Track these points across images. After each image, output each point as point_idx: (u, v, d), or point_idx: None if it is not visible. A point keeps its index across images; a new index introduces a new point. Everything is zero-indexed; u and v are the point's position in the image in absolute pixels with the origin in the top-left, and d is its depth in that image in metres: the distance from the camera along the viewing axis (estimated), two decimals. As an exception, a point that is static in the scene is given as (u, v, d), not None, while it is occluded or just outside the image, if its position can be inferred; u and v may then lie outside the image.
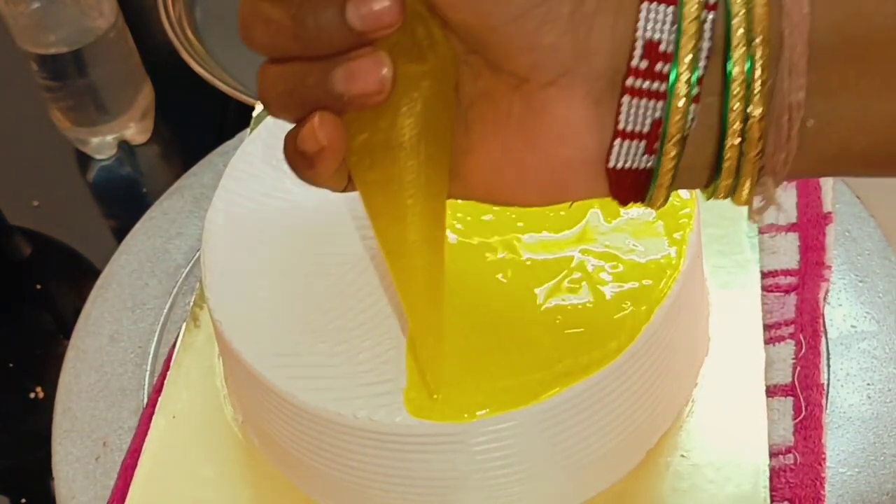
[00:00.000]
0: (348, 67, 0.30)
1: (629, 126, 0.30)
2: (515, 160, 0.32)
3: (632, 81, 0.29)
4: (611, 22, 0.29)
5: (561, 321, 0.45)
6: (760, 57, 0.28)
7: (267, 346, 0.47)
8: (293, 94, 0.31)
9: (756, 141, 0.29)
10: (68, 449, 0.55)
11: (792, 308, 0.53)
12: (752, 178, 0.30)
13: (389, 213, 0.36)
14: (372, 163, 0.34)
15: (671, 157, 0.30)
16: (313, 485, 0.50)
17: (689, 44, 0.28)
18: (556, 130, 0.31)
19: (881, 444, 0.49)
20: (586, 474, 0.47)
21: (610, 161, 0.31)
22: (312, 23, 0.30)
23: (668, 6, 0.29)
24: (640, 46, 0.29)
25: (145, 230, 0.64)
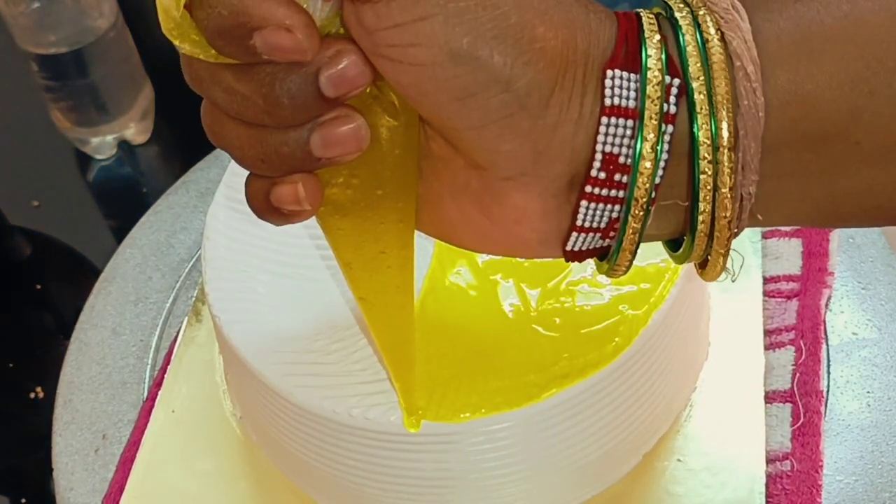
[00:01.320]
0: (325, 134, 0.30)
1: (586, 223, 0.30)
2: (471, 224, 0.32)
3: (590, 189, 0.30)
4: (571, 133, 0.29)
5: (558, 323, 0.45)
6: (729, 163, 0.29)
7: (265, 343, 0.47)
8: (268, 161, 0.30)
9: (726, 235, 0.30)
10: (68, 441, 0.55)
11: (793, 314, 0.53)
12: (722, 259, 0.31)
13: (361, 265, 0.35)
14: (343, 213, 0.34)
15: (629, 251, 0.31)
16: (309, 482, 0.50)
17: (649, 157, 0.29)
18: (514, 215, 0.31)
19: (879, 452, 0.49)
20: (582, 476, 0.47)
21: (567, 246, 0.31)
22: (286, 98, 0.29)
23: (628, 120, 0.29)
24: (599, 159, 0.29)
25: (150, 224, 0.64)
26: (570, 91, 0.29)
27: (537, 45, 0.28)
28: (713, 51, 0.29)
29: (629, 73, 0.29)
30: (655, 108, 0.29)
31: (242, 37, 0.28)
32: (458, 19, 0.28)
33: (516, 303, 0.46)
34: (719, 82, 0.29)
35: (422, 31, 0.28)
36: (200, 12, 0.29)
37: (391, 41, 0.28)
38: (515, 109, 0.29)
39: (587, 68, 0.29)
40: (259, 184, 0.32)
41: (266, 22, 0.28)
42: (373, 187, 0.33)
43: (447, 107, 0.29)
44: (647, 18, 0.30)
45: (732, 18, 0.29)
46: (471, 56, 0.28)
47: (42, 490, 0.62)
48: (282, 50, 0.28)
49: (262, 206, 0.32)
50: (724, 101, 0.29)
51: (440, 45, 0.28)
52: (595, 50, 0.29)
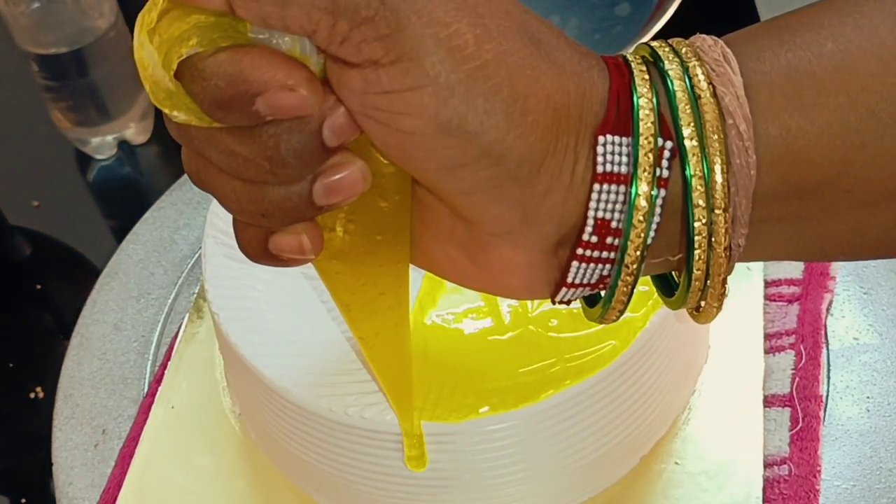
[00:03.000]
0: (328, 183, 0.29)
1: (577, 280, 0.30)
2: (455, 265, 0.32)
3: (581, 251, 0.29)
4: (561, 199, 0.29)
5: (555, 325, 0.45)
6: (724, 223, 0.29)
7: (263, 341, 0.47)
8: (269, 215, 0.29)
9: (719, 290, 0.30)
10: (68, 435, 0.55)
11: (794, 318, 0.53)
12: (716, 309, 0.31)
13: (360, 306, 0.35)
14: (341, 258, 0.33)
15: (619, 307, 0.31)
16: (307, 480, 0.50)
17: (641, 226, 0.28)
18: (500, 265, 0.30)
19: (878, 457, 0.49)
20: (578, 478, 0.47)
21: (555, 298, 0.31)
22: (292, 158, 0.28)
23: (620, 185, 0.28)
24: (591, 224, 0.29)
25: (153, 220, 0.64)
26: (561, 159, 0.28)
27: (530, 119, 0.28)
28: (706, 108, 0.28)
29: (621, 138, 0.28)
30: (648, 176, 0.28)
31: (244, 104, 0.27)
32: (449, 92, 0.27)
33: (514, 304, 0.47)
34: (713, 142, 0.28)
35: (411, 101, 0.27)
36: (195, 85, 0.28)
37: (378, 105, 0.28)
38: (505, 180, 0.28)
39: (579, 135, 0.28)
40: (254, 232, 0.31)
41: (267, 85, 0.27)
42: (372, 232, 0.32)
43: (434, 173, 0.29)
44: (639, 70, 0.29)
45: (724, 72, 0.29)
46: (461, 130, 0.27)
47: (42, 490, 0.62)
48: (288, 109, 0.27)
49: (258, 254, 0.31)
50: (719, 162, 0.28)
51: (430, 117, 0.27)
52: (588, 115, 0.29)
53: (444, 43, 0.27)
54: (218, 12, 0.27)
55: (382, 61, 0.27)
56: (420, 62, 0.27)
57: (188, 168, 0.30)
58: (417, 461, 0.44)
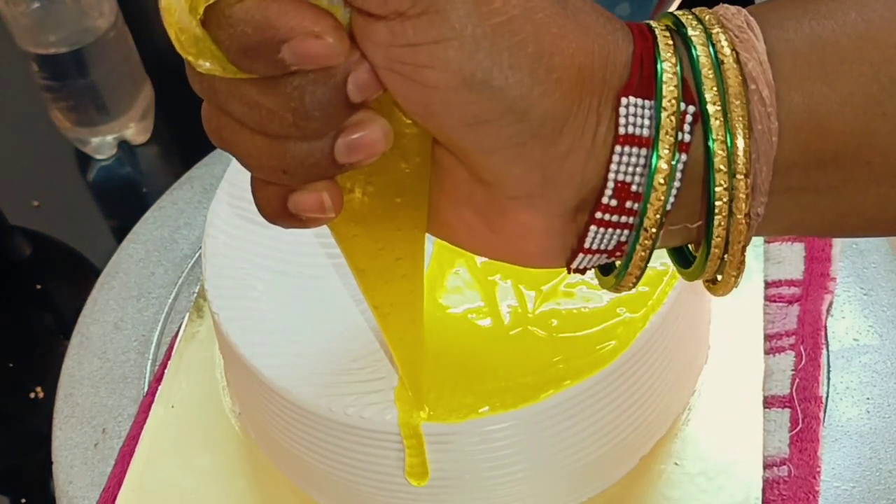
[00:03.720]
0: (350, 141, 0.29)
1: (594, 246, 0.30)
2: (472, 231, 0.32)
3: (600, 215, 0.29)
4: (582, 160, 0.29)
5: (555, 325, 0.45)
6: (745, 189, 0.29)
7: (263, 341, 0.47)
8: (290, 171, 0.29)
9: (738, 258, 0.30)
10: (68, 434, 0.55)
11: (794, 319, 0.53)
12: (734, 278, 0.31)
13: (376, 273, 0.35)
14: (358, 221, 0.33)
15: (636, 273, 0.30)
16: (306, 479, 0.50)
17: (662, 189, 0.28)
18: (518, 230, 0.30)
19: (878, 459, 0.49)
20: (578, 478, 0.47)
21: (572, 264, 0.31)
22: (316, 110, 0.28)
23: (642, 148, 0.28)
24: (611, 187, 0.29)
25: (154, 220, 0.64)
26: (584, 120, 0.28)
27: (554, 76, 0.28)
28: (728, 73, 0.28)
29: (644, 100, 0.28)
30: (670, 140, 0.28)
31: (270, 51, 0.27)
32: (474, 46, 0.27)
33: (514, 304, 0.46)
34: (735, 108, 0.28)
35: (436, 54, 0.27)
36: (221, 32, 0.27)
37: (403, 59, 0.28)
38: (528, 138, 0.28)
39: (602, 96, 0.28)
40: (273, 190, 0.30)
41: (294, 32, 0.27)
42: (391, 195, 0.32)
43: (456, 129, 0.28)
44: (662, 36, 0.29)
45: (748, 38, 0.29)
46: (486, 84, 0.27)
47: (42, 490, 0.62)
48: (314, 57, 0.27)
49: (276, 213, 0.31)
50: (741, 128, 0.28)
51: (454, 71, 0.27)
52: (611, 76, 0.28)
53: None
54: None
55: (409, 13, 0.27)
56: (446, 14, 0.27)
57: (208, 125, 0.30)
58: (418, 470, 0.44)
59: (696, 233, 0.30)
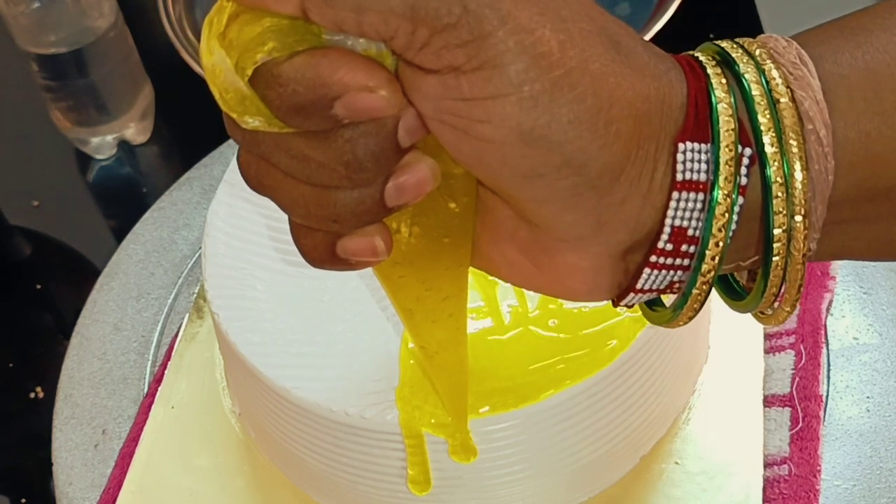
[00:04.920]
0: (399, 184, 0.28)
1: (646, 286, 0.30)
2: (513, 266, 0.31)
3: (655, 259, 0.29)
4: (638, 206, 0.28)
5: (555, 325, 0.45)
6: (803, 230, 0.28)
7: (263, 341, 0.47)
8: (341, 220, 0.28)
9: (794, 297, 0.29)
10: (68, 435, 0.55)
11: (794, 318, 0.53)
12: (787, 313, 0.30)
13: (423, 313, 0.34)
14: (406, 262, 0.32)
15: (689, 315, 0.30)
16: (306, 479, 0.50)
17: (720, 235, 0.28)
18: (564, 270, 0.30)
19: (878, 457, 0.49)
20: (578, 478, 0.47)
21: (622, 301, 0.31)
22: (369, 161, 0.27)
23: (699, 193, 0.28)
24: (667, 232, 0.28)
25: (153, 220, 0.64)
26: (640, 167, 0.28)
27: (613, 128, 0.27)
28: (784, 113, 0.28)
29: (700, 144, 0.28)
30: (729, 185, 0.28)
31: (322, 108, 0.26)
32: (533, 102, 0.26)
33: (514, 304, 0.47)
34: (792, 148, 0.28)
35: (493, 109, 0.26)
36: (270, 91, 0.27)
37: (456, 112, 0.27)
38: (584, 190, 0.27)
39: (659, 143, 0.28)
40: (321, 237, 0.29)
41: (347, 88, 0.26)
42: (439, 235, 0.31)
43: (509, 180, 0.28)
44: (714, 74, 0.28)
45: (802, 75, 0.28)
46: (544, 139, 0.27)
47: (42, 490, 0.62)
48: (368, 111, 0.27)
49: (323, 259, 0.30)
50: (799, 168, 0.28)
51: (511, 127, 0.26)
52: (667, 121, 0.28)
53: (529, 50, 0.26)
54: (291, 16, 0.27)
55: (464, 68, 0.26)
56: (503, 69, 0.26)
57: (246, 172, 0.29)
58: (420, 479, 0.45)
59: (748, 267, 0.30)
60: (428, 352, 0.37)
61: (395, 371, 0.45)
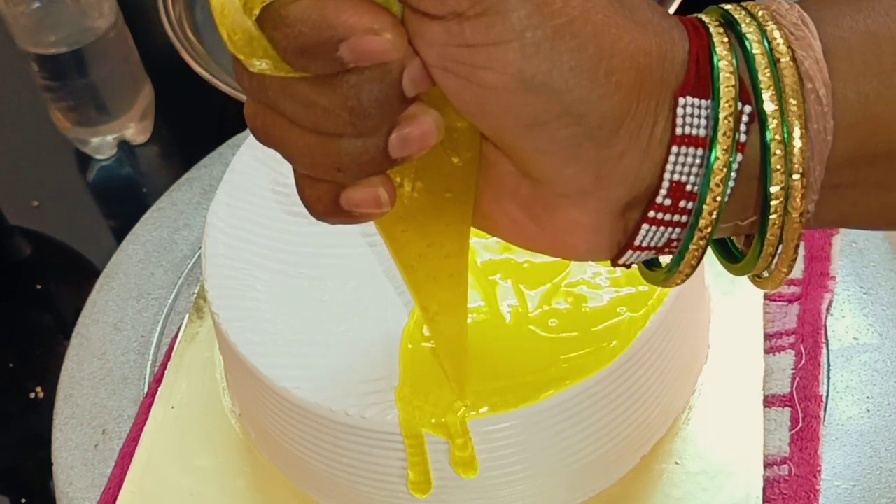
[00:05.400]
0: (403, 135, 0.28)
1: (644, 243, 0.30)
2: (514, 224, 0.31)
3: (654, 214, 0.29)
4: (637, 160, 0.28)
5: (555, 325, 0.45)
6: (801, 188, 0.28)
7: (263, 341, 0.47)
8: (345, 169, 0.29)
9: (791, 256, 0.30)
10: (68, 436, 0.55)
11: (794, 318, 0.53)
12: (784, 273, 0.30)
13: (425, 270, 0.35)
14: (408, 217, 0.32)
15: (686, 272, 0.30)
16: (306, 479, 0.50)
17: (718, 190, 0.28)
18: (565, 226, 0.30)
19: (878, 457, 0.49)
20: (578, 478, 0.47)
21: (619, 260, 0.31)
22: (374, 108, 0.28)
23: (698, 149, 0.28)
24: (666, 187, 0.28)
25: (153, 220, 0.64)
26: (641, 120, 0.28)
27: (614, 78, 0.27)
28: (785, 72, 0.28)
29: (701, 100, 0.28)
30: (728, 141, 0.28)
31: (328, 50, 0.27)
32: (535, 48, 0.27)
33: (514, 304, 0.46)
34: (792, 107, 0.28)
35: (495, 55, 0.27)
36: (277, 32, 0.27)
37: (459, 59, 0.27)
38: (584, 140, 0.28)
39: (659, 97, 0.28)
40: (325, 188, 0.30)
41: (352, 30, 0.27)
42: (442, 189, 0.32)
43: (511, 129, 0.28)
44: (717, 33, 0.29)
45: (803, 35, 0.28)
46: (545, 87, 0.27)
47: (42, 490, 0.62)
48: (373, 54, 0.27)
49: (327, 210, 0.30)
50: (798, 127, 0.28)
51: (513, 73, 0.27)
52: (668, 76, 0.28)
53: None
54: None
55: (467, 14, 0.26)
56: (506, 16, 0.26)
57: (252, 122, 0.30)
58: (421, 480, 0.45)
59: (746, 229, 0.30)
60: (429, 313, 0.37)
61: (396, 371, 0.45)
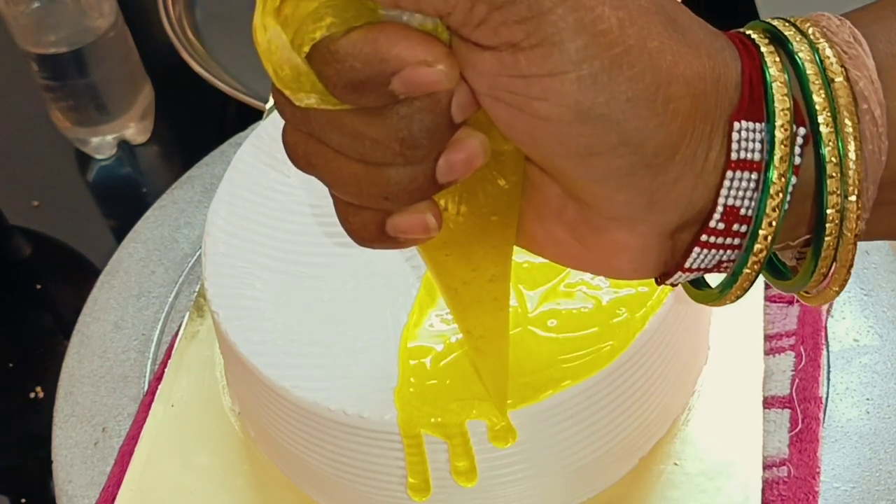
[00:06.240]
0: (451, 159, 0.28)
1: (695, 265, 0.30)
2: (558, 244, 0.31)
3: (706, 238, 0.29)
4: (691, 186, 0.28)
5: (554, 325, 0.45)
6: (856, 210, 0.28)
7: (262, 340, 0.47)
8: (393, 198, 0.28)
9: (844, 276, 0.29)
10: (68, 433, 0.55)
11: (794, 319, 0.53)
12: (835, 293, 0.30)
13: (469, 294, 0.34)
14: (453, 241, 0.32)
15: (738, 293, 0.30)
16: (305, 478, 0.50)
17: (774, 215, 0.28)
18: (611, 248, 0.30)
19: (877, 459, 0.49)
20: (577, 479, 0.47)
21: (667, 280, 0.30)
22: (424, 138, 0.27)
23: (753, 173, 0.28)
24: (719, 211, 0.28)
25: (154, 218, 0.64)
26: (696, 147, 0.28)
27: (671, 106, 0.27)
28: (839, 93, 0.28)
29: (755, 123, 0.28)
30: (784, 165, 0.28)
31: (379, 84, 0.26)
32: (591, 80, 0.26)
33: (513, 304, 0.46)
34: (846, 128, 0.28)
35: (551, 87, 0.26)
36: (327, 68, 0.26)
37: (511, 89, 0.27)
38: (639, 168, 0.27)
39: (714, 122, 0.28)
40: (370, 216, 0.29)
41: (405, 63, 0.26)
42: (487, 213, 0.31)
43: (564, 159, 0.28)
44: (768, 52, 0.28)
45: (857, 54, 0.28)
46: (602, 118, 0.26)
47: (42, 490, 0.62)
48: (426, 86, 0.27)
49: (373, 237, 0.30)
50: (853, 149, 0.28)
51: (569, 105, 0.26)
52: (722, 100, 0.28)
53: (589, 28, 0.26)
54: None
55: (522, 45, 0.26)
56: (563, 46, 0.26)
57: (293, 151, 0.29)
58: (419, 483, 0.45)
59: (797, 247, 0.30)
60: (473, 336, 0.37)
61: (395, 371, 0.45)
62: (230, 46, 0.81)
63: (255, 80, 0.77)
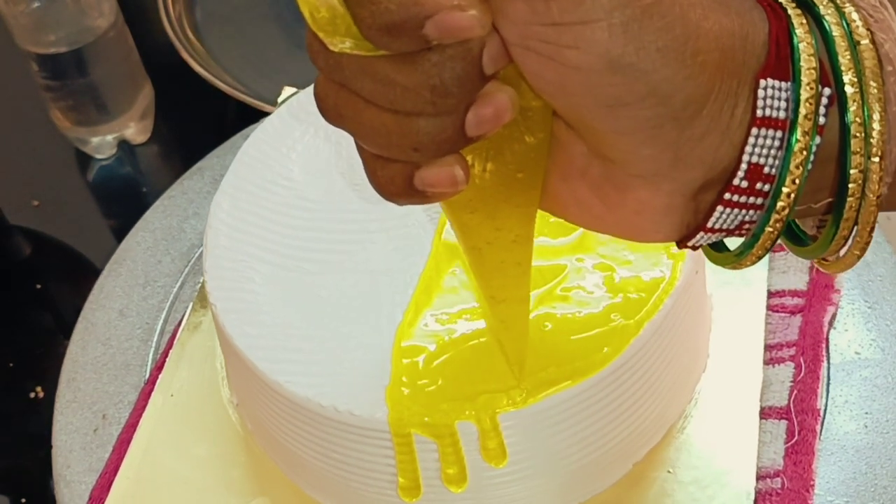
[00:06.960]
0: (480, 112, 0.28)
1: (717, 225, 0.30)
2: (581, 204, 0.31)
3: (729, 196, 0.29)
4: (716, 142, 0.28)
5: (548, 329, 0.45)
6: (879, 171, 0.28)
7: (259, 334, 0.47)
8: (422, 148, 0.28)
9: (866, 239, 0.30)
10: (68, 419, 0.56)
11: (795, 330, 0.52)
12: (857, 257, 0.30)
13: (492, 253, 0.34)
14: (479, 199, 0.32)
15: (758, 255, 0.30)
16: (298, 472, 0.50)
17: (797, 173, 0.28)
18: (635, 206, 0.30)
19: (873, 474, 0.48)
20: (570, 482, 0.47)
21: (689, 241, 0.31)
22: (455, 86, 0.27)
23: (777, 131, 0.28)
24: (743, 169, 0.28)
25: (163, 208, 0.64)
26: (722, 102, 0.28)
27: (699, 59, 0.27)
28: (865, 55, 0.28)
29: (781, 82, 0.28)
30: (808, 124, 0.28)
31: (413, 27, 0.26)
32: (623, 28, 0.26)
33: (508, 306, 0.46)
34: (872, 90, 0.28)
35: (582, 35, 0.26)
36: (363, 10, 0.27)
37: (543, 37, 0.27)
38: (666, 121, 0.28)
39: (741, 79, 0.28)
40: (398, 168, 0.29)
41: (439, 7, 0.26)
42: (513, 170, 0.31)
43: (591, 110, 0.28)
44: (795, 14, 0.29)
45: (883, 18, 0.28)
46: (632, 67, 0.27)
47: (42, 490, 0.63)
48: (459, 31, 0.27)
49: (400, 191, 0.30)
50: (878, 109, 0.28)
51: (600, 53, 0.27)
52: (749, 57, 0.28)
53: None
54: None
55: None
56: None
57: (324, 102, 0.29)
58: (411, 485, 0.45)
59: (818, 210, 0.30)
60: (496, 300, 0.37)
61: (387, 369, 0.45)
62: (230, 46, 0.81)
63: (255, 80, 0.77)
